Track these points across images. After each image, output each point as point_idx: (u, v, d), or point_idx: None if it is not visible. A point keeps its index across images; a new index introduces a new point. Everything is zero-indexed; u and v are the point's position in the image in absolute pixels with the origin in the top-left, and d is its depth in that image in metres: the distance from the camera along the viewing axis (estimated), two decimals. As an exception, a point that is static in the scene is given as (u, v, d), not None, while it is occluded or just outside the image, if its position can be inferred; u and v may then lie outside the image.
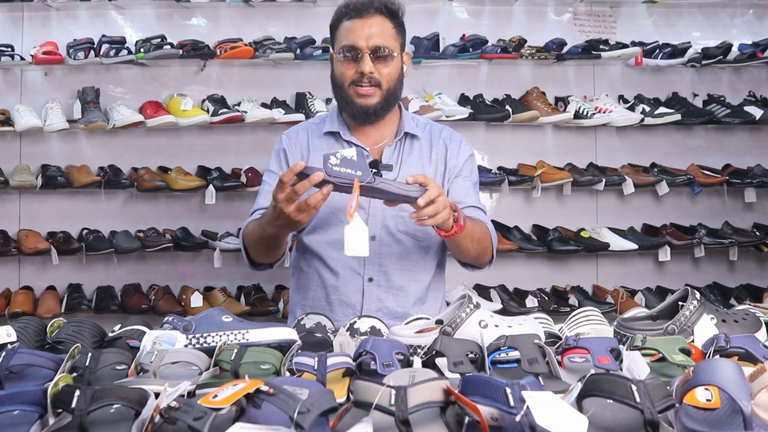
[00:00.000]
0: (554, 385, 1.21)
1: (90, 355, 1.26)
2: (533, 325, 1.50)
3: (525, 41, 3.56)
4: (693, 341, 1.43)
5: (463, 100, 3.59)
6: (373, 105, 1.97)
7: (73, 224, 3.59)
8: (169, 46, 3.41)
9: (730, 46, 3.61)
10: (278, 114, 3.41)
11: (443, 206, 1.68)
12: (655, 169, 3.65)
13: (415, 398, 0.97)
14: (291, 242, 2.13)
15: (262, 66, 3.62)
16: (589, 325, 1.64)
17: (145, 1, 3.60)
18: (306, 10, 3.66)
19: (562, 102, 3.65)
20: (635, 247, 3.55)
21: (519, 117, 3.49)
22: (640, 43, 3.66)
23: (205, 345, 1.38)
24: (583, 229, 3.62)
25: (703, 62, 3.62)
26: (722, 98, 3.68)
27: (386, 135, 2.08)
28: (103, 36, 3.47)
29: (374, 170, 1.96)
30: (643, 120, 3.53)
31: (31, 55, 3.42)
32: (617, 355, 1.32)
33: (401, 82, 2.04)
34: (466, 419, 1.00)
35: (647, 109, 3.57)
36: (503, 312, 3.33)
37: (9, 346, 1.35)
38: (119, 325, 1.52)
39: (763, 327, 1.52)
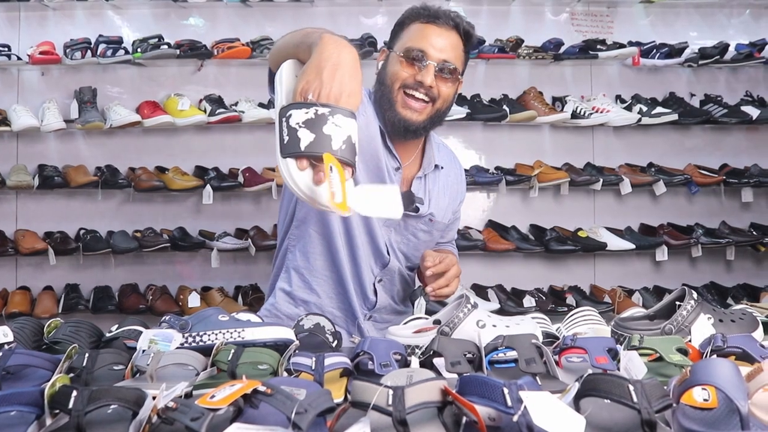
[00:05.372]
0: (551, 384, 1.21)
1: (87, 355, 1.25)
2: (531, 325, 1.50)
3: (522, 41, 3.56)
4: (690, 341, 1.42)
5: (461, 100, 3.58)
6: (418, 122, 1.83)
7: (70, 224, 3.59)
8: (166, 46, 3.41)
9: (727, 46, 3.61)
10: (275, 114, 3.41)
11: (454, 277, 1.80)
12: (653, 169, 3.66)
13: (413, 398, 0.97)
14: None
15: (259, 66, 3.62)
16: (586, 324, 1.64)
17: (142, 1, 3.60)
18: (303, 10, 3.66)
19: (559, 102, 3.65)
20: (632, 246, 3.55)
21: (516, 117, 3.49)
22: (638, 43, 3.67)
23: (201, 343, 1.38)
24: (580, 229, 3.63)
25: (700, 62, 3.63)
26: (719, 98, 3.69)
27: (413, 152, 1.96)
28: (100, 36, 3.47)
29: (413, 205, 1.91)
30: (640, 120, 3.53)
31: (28, 55, 3.42)
32: (614, 355, 1.32)
33: (450, 107, 1.91)
34: (464, 419, 1.00)
35: (644, 108, 3.57)
36: (501, 312, 3.33)
37: (6, 347, 1.34)
38: (116, 326, 1.52)
39: (760, 326, 1.52)
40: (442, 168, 2.02)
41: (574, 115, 3.55)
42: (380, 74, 1.88)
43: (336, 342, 1.50)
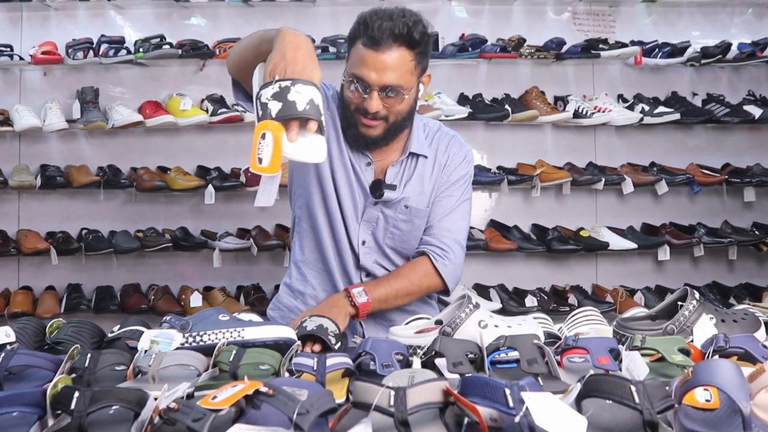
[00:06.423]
0: (553, 385, 1.21)
1: (89, 355, 1.26)
2: (533, 325, 1.50)
3: (524, 40, 3.56)
4: (692, 341, 1.43)
5: (463, 100, 3.59)
6: (375, 136, 1.87)
7: (72, 224, 3.60)
8: (168, 46, 3.41)
9: (730, 45, 3.61)
10: (277, 114, 3.41)
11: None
12: (655, 169, 3.65)
13: (415, 399, 0.97)
14: None
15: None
16: (588, 325, 1.64)
17: (144, 1, 3.60)
18: (305, 9, 3.65)
19: (561, 101, 3.64)
20: (634, 246, 3.55)
21: (518, 116, 3.49)
22: (640, 43, 3.66)
23: (201, 343, 1.39)
24: (582, 229, 3.62)
25: (703, 61, 3.62)
26: (721, 97, 3.69)
27: (393, 150, 1.98)
28: (102, 36, 3.47)
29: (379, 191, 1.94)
30: (642, 119, 3.53)
31: (30, 55, 3.42)
32: (616, 356, 1.32)
33: (412, 111, 1.92)
34: (465, 420, 1.00)
35: (646, 108, 3.57)
36: (502, 311, 3.33)
37: (8, 347, 1.35)
38: (118, 326, 1.52)
39: (763, 327, 1.52)
40: (426, 157, 1.99)
41: (576, 114, 3.54)
42: (341, 91, 1.91)
43: (339, 344, 1.50)
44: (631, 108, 3.60)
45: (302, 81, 1.41)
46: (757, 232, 3.70)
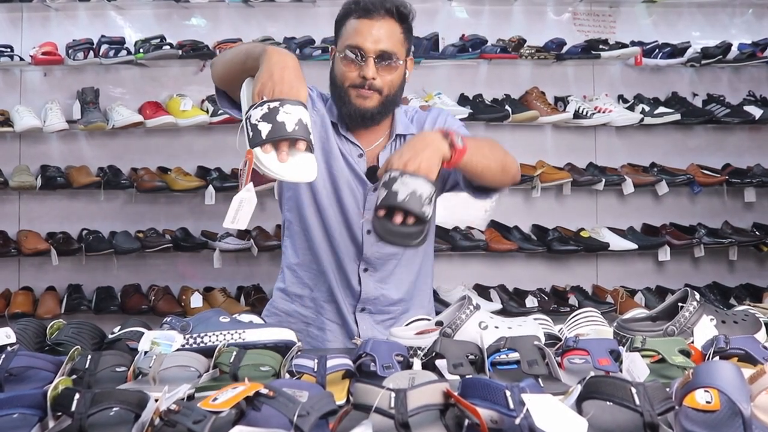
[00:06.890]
0: (554, 387, 1.21)
1: (89, 357, 1.26)
2: (533, 326, 1.50)
3: (524, 41, 3.56)
4: (693, 342, 1.42)
5: (463, 100, 3.59)
6: (371, 108, 1.90)
7: (72, 225, 3.59)
8: (168, 47, 3.41)
9: (730, 45, 3.61)
10: (278, 114, 3.41)
11: (412, 150, 1.57)
12: (655, 169, 3.65)
13: (415, 401, 0.97)
14: None
15: (261, 66, 3.61)
16: (588, 326, 1.64)
17: (144, 2, 3.60)
18: (305, 10, 3.66)
19: (561, 102, 3.64)
20: (635, 246, 3.55)
21: (518, 117, 3.49)
22: (640, 43, 3.66)
23: (201, 345, 1.39)
24: (582, 229, 3.62)
25: (703, 62, 3.62)
26: (722, 98, 3.69)
27: (380, 136, 2.02)
28: (103, 36, 3.47)
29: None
30: (642, 120, 3.53)
31: (31, 56, 3.42)
32: (617, 357, 1.32)
33: (402, 89, 1.98)
34: (466, 422, 1.00)
35: (647, 108, 3.57)
36: (503, 312, 3.33)
37: (8, 348, 1.35)
38: (119, 327, 1.52)
39: (763, 328, 1.52)
40: (413, 135, 1.99)
41: (577, 115, 3.54)
42: (331, 75, 1.95)
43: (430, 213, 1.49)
44: (631, 108, 3.60)
45: (290, 101, 1.46)
46: (757, 232, 3.70)
